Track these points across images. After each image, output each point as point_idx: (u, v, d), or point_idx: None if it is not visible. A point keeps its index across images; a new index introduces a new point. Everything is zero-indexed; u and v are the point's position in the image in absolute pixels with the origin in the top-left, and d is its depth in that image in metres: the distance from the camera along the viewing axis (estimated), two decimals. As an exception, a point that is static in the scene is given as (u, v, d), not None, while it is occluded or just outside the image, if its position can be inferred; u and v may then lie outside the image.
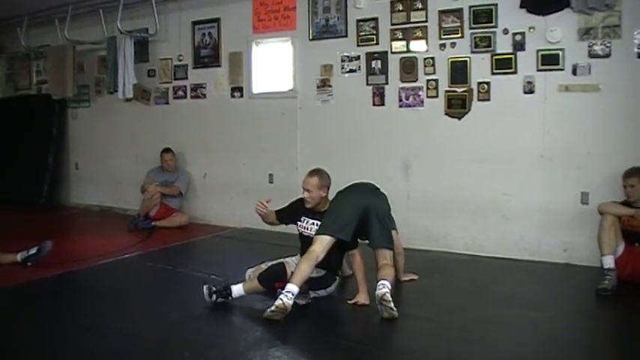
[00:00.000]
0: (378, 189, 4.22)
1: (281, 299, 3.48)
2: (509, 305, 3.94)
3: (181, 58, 7.06)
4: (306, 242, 4.04)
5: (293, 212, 4.25)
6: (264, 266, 4.10)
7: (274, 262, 4.03)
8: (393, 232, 4.11)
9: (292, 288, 3.54)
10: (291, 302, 3.50)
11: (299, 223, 4.20)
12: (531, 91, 5.01)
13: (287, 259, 4.12)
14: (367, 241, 4.00)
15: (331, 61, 5.98)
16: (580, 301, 4.13)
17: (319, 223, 4.00)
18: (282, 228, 5.80)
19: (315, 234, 3.89)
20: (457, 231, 5.42)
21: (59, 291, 4.35)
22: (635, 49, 4.61)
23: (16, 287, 4.37)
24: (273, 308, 3.48)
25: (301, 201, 4.17)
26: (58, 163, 8.32)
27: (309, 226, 4.12)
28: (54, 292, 4.29)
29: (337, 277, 4.14)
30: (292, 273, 3.71)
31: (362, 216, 3.91)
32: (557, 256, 4.98)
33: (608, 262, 4.13)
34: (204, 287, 3.87)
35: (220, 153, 6.89)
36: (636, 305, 3.97)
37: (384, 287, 3.61)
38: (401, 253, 4.33)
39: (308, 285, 3.75)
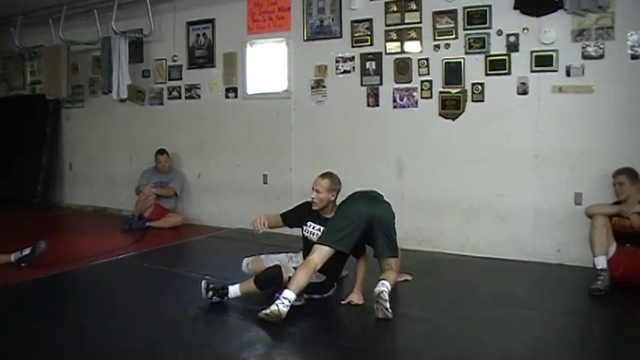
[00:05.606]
0: (382, 197, 4.13)
1: (277, 305, 3.46)
2: (502, 305, 3.95)
3: (176, 58, 7.06)
4: (309, 246, 4.01)
5: (299, 216, 4.22)
6: (262, 257, 4.12)
7: (271, 264, 3.97)
8: None
9: (289, 295, 3.51)
10: (286, 310, 3.46)
11: (304, 227, 4.16)
12: (525, 92, 5.03)
13: (284, 258, 4.13)
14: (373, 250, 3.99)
15: (325, 62, 5.99)
16: (573, 301, 4.15)
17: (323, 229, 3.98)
18: (277, 229, 5.86)
19: (316, 242, 3.86)
20: (451, 231, 5.43)
21: (53, 291, 4.34)
22: (628, 51, 4.63)
23: (10, 287, 4.36)
24: (268, 312, 3.47)
25: (308, 204, 4.16)
26: (52, 164, 8.29)
27: (314, 231, 4.05)
28: (48, 293, 4.27)
29: (335, 284, 4.12)
30: (290, 278, 3.67)
31: (366, 226, 3.85)
32: (550, 257, 5.00)
33: (601, 262, 4.15)
34: (203, 281, 3.87)
35: (215, 153, 6.88)
36: (629, 305, 3.99)
37: (383, 286, 3.58)
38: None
39: (306, 289, 3.73)
